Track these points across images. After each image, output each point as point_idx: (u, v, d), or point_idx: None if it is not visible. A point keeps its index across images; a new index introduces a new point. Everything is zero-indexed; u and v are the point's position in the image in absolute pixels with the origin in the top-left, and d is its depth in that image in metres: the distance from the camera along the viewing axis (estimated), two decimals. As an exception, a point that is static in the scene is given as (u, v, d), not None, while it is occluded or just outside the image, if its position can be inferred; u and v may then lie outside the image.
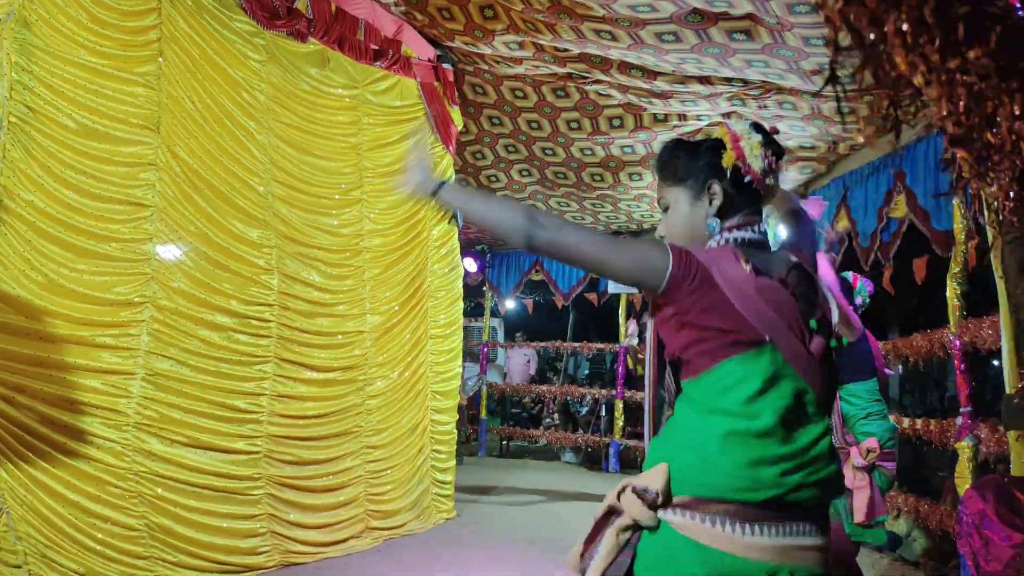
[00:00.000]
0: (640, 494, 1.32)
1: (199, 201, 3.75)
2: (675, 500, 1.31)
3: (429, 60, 5.21)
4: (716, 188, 1.47)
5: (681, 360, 1.40)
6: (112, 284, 3.35)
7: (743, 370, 1.33)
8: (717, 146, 1.49)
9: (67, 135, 3.21)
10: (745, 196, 1.49)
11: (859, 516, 3.00)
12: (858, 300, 3.30)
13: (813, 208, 3.34)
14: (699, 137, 1.54)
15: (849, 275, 3.35)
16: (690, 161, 1.51)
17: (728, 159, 1.46)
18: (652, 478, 1.32)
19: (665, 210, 1.56)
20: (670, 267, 1.34)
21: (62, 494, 3.07)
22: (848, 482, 3.02)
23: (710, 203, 1.48)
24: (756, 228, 1.49)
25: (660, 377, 1.52)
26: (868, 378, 3.13)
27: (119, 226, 3.39)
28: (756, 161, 1.45)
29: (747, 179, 1.46)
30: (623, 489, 1.35)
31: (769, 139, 1.48)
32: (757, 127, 1.49)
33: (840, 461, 1.39)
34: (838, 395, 3.15)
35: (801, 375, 1.35)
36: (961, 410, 4.12)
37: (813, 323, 1.39)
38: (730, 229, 1.46)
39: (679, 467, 1.33)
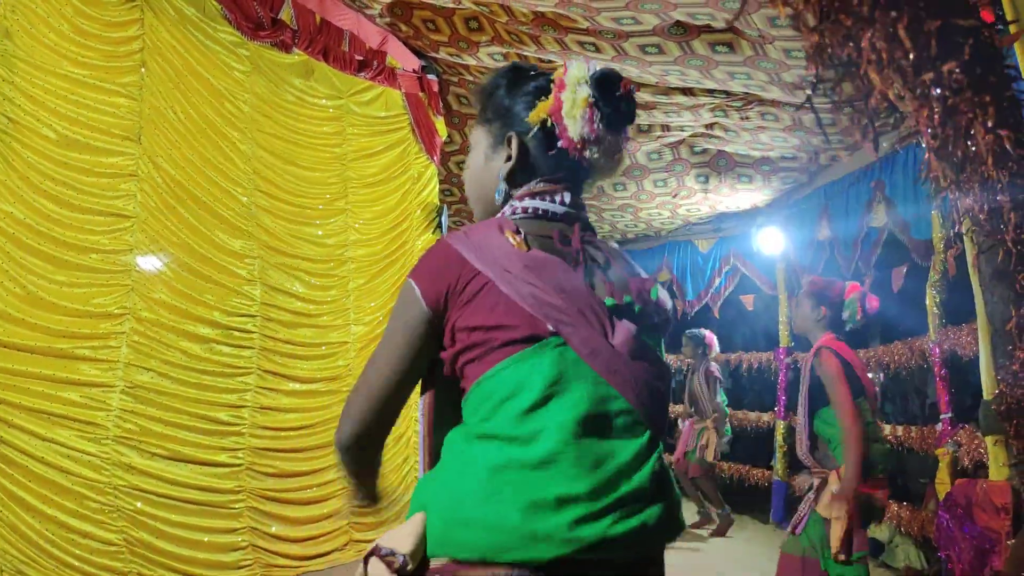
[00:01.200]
0: (384, 559, 0.97)
1: (181, 212, 3.72)
2: (432, 564, 0.97)
3: (414, 71, 5.22)
4: (515, 143, 1.12)
5: (456, 376, 1.08)
6: (92, 296, 3.32)
7: (519, 376, 0.98)
8: (544, 88, 1.13)
9: (48, 146, 3.18)
10: (556, 164, 1.13)
11: (836, 551, 2.65)
12: (845, 315, 2.93)
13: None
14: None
15: (847, 284, 2.98)
16: (505, 98, 1.15)
17: (539, 110, 1.10)
18: (401, 536, 0.98)
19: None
20: (422, 301, 1.04)
21: (39, 509, 3.02)
22: (824, 510, 2.72)
23: (506, 159, 1.13)
24: (558, 198, 1.11)
25: (433, 389, 1.14)
26: (854, 397, 2.77)
27: (100, 237, 3.36)
28: (574, 123, 1.07)
29: (560, 142, 1.10)
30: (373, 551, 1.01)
31: (607, 99, 1.09)
32: (602, 80, 1.09)
33: (672, 494, 1.02)
34: (807, 416, 2.89)
35: (605, 376, 0.99)
36: (941, 417, 4.17)
37: (610, 302, 1.04)
38: (521, 197, 1.12)
39: (434, 518, 0.97)
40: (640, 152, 5.83)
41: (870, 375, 3.18)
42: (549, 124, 1.10)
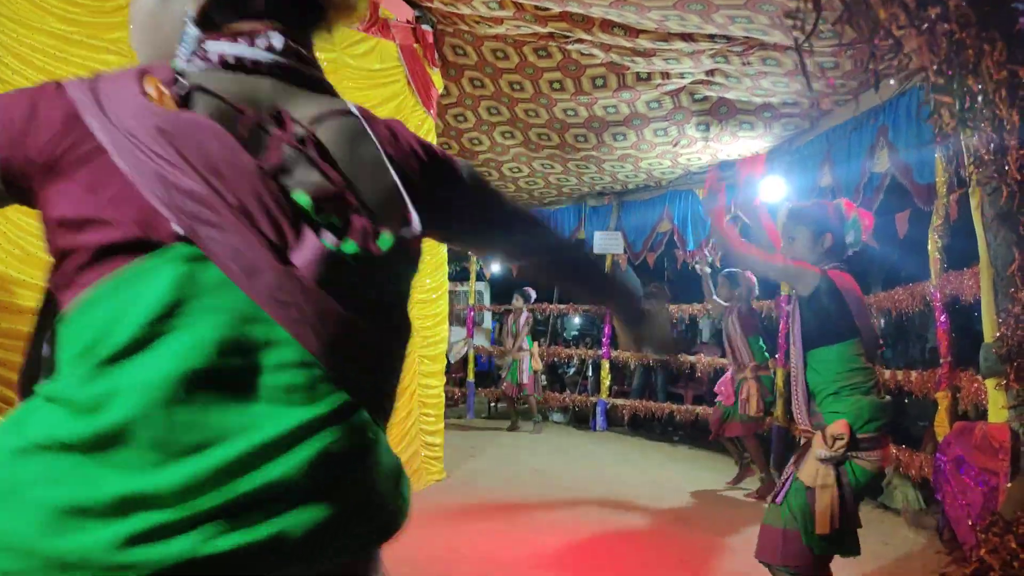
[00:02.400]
0: None
1: (177, 170, 3.69)
2: None
3: (408, 21, 5.11)
4: None
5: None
6: (92, 256, 3.32)
7: (113, 309, 0.64)
8: None
9: (37, 104, 3.14)
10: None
11: (821, 526, 2.23)
12: (850, 237, 2.45)
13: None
14: None
15: (842, 202, 2.53)
16: None
17: None
18: None
19: None
20: None
21: (52, 467, 3.07)
22: (809, 479, 2.30)
23: None
24: (262, 42, 0.77)
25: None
26: (841, 340, 2.35)
27: (96, 197, 3.35)
28: None
29: None
30: None
31: None
32: None
33: (364, 488, 0.69)
34: (803, 361, 2.41)
35: (267, 309, 0.65)
36: (941, 361, 4.20)
37: (305, 200, 0.69)
38: (204, 41, 0.76)
39: None
40: (640, 101, 5.74)
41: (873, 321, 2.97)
42: None
